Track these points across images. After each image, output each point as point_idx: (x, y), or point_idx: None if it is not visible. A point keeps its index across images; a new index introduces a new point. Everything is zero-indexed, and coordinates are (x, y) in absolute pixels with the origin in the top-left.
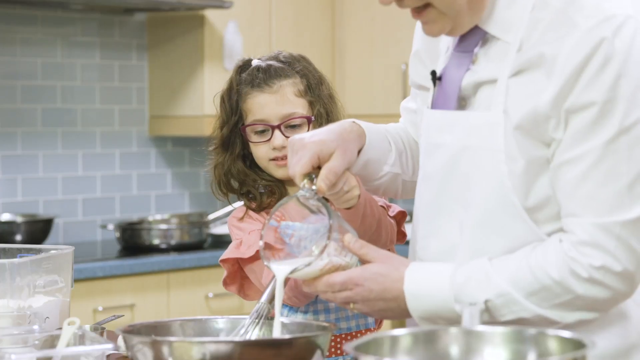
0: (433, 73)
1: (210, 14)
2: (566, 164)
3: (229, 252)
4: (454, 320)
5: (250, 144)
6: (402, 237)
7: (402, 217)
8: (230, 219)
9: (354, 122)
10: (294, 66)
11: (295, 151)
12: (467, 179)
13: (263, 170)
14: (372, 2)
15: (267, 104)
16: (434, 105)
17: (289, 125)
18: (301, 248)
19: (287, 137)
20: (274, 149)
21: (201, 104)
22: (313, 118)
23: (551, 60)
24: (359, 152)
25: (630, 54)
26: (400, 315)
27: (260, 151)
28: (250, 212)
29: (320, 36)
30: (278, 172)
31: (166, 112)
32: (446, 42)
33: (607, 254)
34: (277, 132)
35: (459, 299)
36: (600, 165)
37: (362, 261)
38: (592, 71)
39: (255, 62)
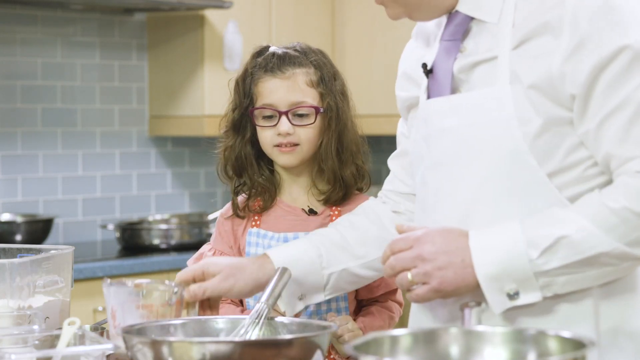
0: (424, 66)
1: (210, 14)
2: (609, 116)
3: (193, 259)
4: (524, 278)
5: (257, 128)
6: None
7: None
8: (221, 213)
9: (267, 257)
10: (309, 56)
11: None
12: (480, 156)
13: (266, 165)
14: (372, 2)
15: (277, 90)
16: (429, 96)
17: (296, 114)
18: None
19: (294, 124)
20: (279, 134)
21: (201, 104)
22: (321, 109)
23: (558, 22)
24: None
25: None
26: (461, 278)
27: (266, 136)
28: (231, 223)
29: (320, 36)
30: (280, 159)
31: (166, 112)
32: (430, 45)
33: None
34: (283, 118)
35: (533, 241)
36: None
37: None
38: (609, 19)
39: (272, 49)
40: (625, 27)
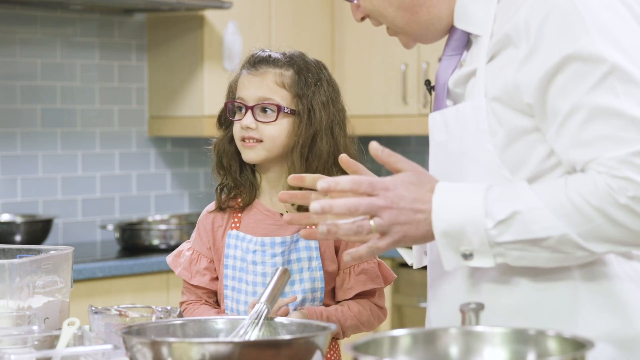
0: (427, 82)
1: (210, 14)
2: (563, 123)
3: (172, 256)
4: (479, 244)
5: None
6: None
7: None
8: (206, 208)
9: None
10: (291, 61)
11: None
12: (465, 170)
13: (248, 164)
14: None
15: (248, 85)
16: (432, 111)
17: (262, 109)
18: None
19: (257, 120)
20: (241, 128)
21: (201, 105)
22: (286, 109)
23: (515, 32)
24: None
25: (590, 2)
26: (422, 234)
27: (235, 129)
28: (213, 219)
29: (320, 36)
30: (244, 154)
31: (166, 113)
32: None
33: (636, 184)
34: (248, 112)
35: (489, 212)
36: (598, 106)
37: (393, 170)
38: (556, 26)
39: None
40: (574, 33)
